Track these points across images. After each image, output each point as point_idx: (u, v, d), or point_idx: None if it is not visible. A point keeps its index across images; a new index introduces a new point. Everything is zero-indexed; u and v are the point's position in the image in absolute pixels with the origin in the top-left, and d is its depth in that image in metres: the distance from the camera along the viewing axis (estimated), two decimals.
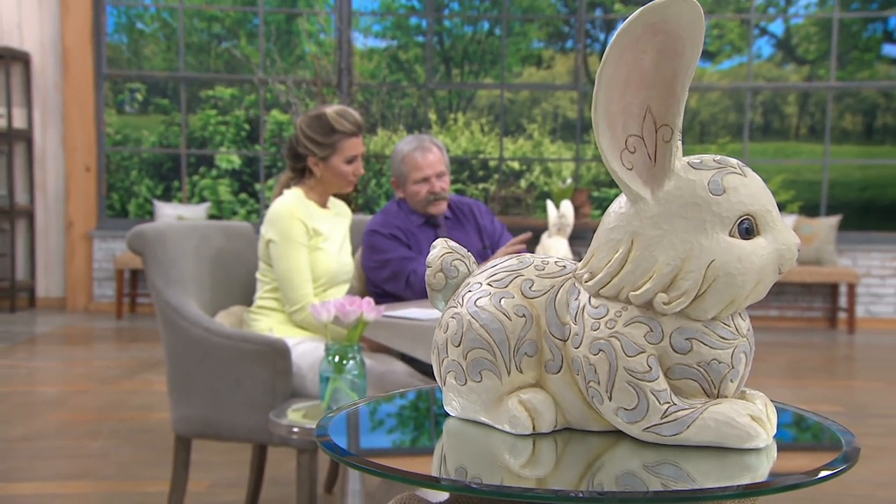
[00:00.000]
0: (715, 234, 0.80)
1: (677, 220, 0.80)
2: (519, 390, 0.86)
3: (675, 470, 0.77)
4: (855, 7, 7.63)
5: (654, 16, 0.76)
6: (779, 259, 0.82)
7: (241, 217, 7.73)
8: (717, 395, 0.83)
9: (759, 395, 0.86)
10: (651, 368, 0.81)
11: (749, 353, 0.84)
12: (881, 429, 3.71)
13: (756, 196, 0.81)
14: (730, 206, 0.80)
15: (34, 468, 3.00)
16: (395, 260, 2.72)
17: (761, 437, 0.80)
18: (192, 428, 2.24)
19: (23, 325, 6.19)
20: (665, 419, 0.81)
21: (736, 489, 0.72)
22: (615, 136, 0.82)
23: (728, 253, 0.80)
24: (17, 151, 6.94)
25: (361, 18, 7.79)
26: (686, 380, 0.81)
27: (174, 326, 2.19)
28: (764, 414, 0.82)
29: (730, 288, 0.80)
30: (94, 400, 4.01)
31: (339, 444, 0.80)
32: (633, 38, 0.78)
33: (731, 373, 0.82)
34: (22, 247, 7.04)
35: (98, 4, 6.98)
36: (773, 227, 0.82)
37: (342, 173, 2.49)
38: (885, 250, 7.01)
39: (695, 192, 0.81)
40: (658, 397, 0.81)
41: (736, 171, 0.82)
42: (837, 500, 2.79)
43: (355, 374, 1.82)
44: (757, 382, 4.67)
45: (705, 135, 8.04)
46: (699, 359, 0.81)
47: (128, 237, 2.23)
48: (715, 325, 0.81)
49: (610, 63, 0.79)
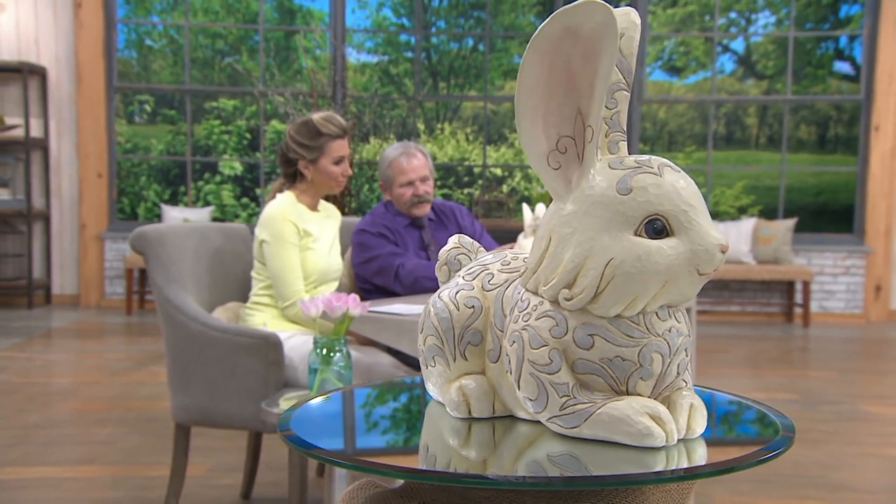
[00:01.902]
0: (618, 233, 0.75)
1: (586, 219, 0.76)
2: (463, 376, 0.85)
3: (572, 460, 0.74)
4: (809, 27, 7.66)
5: (569, 18, 0.73)
6: (693, 260, 0.75)
7: (242, 220, 7.70)
8: (626, 392, 0.77)
9: (689, 396, 0.80)
10: (552, 361, 0.77)
11: (669, 353, 0.77)
12: (832, 415, 3.72)
13: (667, 196, 0.76)
14: (636, 205, 0.75)
15: (47, 454, 2.97)
16: (384, 256, 2.71)
17: (656, 437, 0.74)
18: (191, 416, 2.22)
19: (39, 321, 6.15)
20: (563, 411, 0.77)
21: (601, 480, 0.69)
22: (543, 138, 0.78)
23: (628, 252, 0.74)
24: (34, 159, 6.89)
25: (355, 35, 7.77)
26: (591, 375, 0.77)
27: (174, 321, 2.17)
28: (666, 414, 0.76)
29: (629, 286, 0.74)
30: (104, 390, 3.98)
31: (302, 436, 0.78)
32: (552, 41, 0.74)
33: (640, 371, 0.76)
34: (38, 247, 6.99)
35: (110, 22, 6.94)
36: (688, 227, 0.75)
37: (331, 174, 2.47)
38: (836, 250, 7.04)
39: (604, 191, 0.76)
40: (557, 390, 0.77)
41: (651, 171, 0.77)
42: (790, 482, 2.79)
43: (342, 366, 1.81)
44: (719, 372, 4.68)
45: (673, 144, 8.05)
46: (602, 355, 0.76)
47: (130, 238, 2.22)
48: (620, 323, 0.76)
49: (527, 66, 0.75)
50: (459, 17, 8.14)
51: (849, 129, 7.59)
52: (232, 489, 2.62)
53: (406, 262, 2.68)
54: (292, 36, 7.74)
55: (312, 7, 7.98)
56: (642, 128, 7.55)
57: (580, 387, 0.77)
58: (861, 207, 7.10)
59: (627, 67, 0.82)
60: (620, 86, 0.81)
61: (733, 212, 7.67)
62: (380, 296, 2.77)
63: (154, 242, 2.19)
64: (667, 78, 8.15)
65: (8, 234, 6.87)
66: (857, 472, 2.91)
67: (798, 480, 2.80)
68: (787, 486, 2.74)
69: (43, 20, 6.82)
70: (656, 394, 0.78)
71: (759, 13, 7.80)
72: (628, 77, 0.81)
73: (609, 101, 0.81)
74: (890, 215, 6.98)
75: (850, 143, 7.47)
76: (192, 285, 2.28)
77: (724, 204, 7.80)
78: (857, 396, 4.14)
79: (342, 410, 0.95)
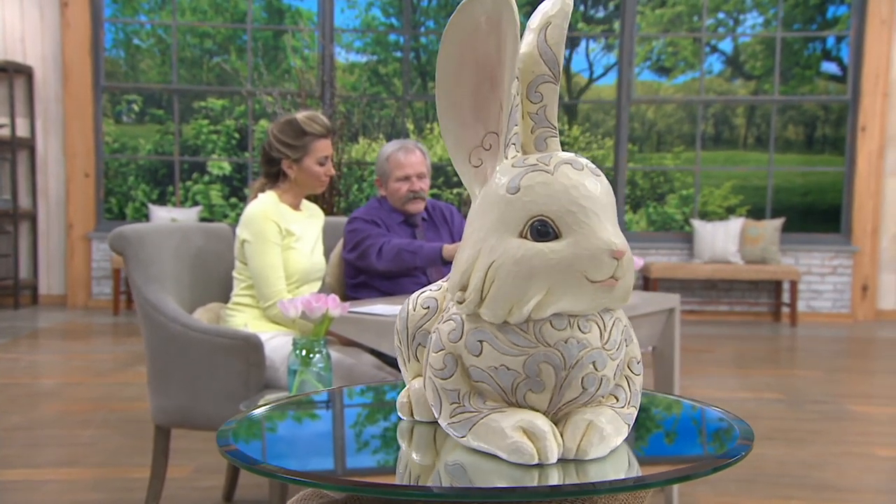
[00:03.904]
0: (503, 234, 0.70)
1: (480, 219, 0.73)
2: (416, 378, 0.83)
3: (459, 470, 0.71)
4: (797, 28, 7.66)
5: (472, 7, 0.69)
6: (577, 264, 0.68)
7: (231, 220, 7.65)
8: (516, 403, 0.72)
9: (595, 413, 0.72)
10: (445, 366, 0.73)
11: (563, 366, 0.70)
12: (817, 414, 3.72)
13: (554, 196, 0.70)
14: (521, 205, 0.70)
15: (29, 455, 2.94)
16: (371, 235, 2.69)
17: (524, 453, 0.69)
18: (171, 418, 2.19)
19: (25, 321, 6.10)
20: (453, 419, 0.73)
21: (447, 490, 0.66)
22: (467, 134, 0.74)
23: (507, 254, 0.69)
24: (20, 159, 6.84)
25: (343, 35, 7.74)
26: (482, 383, 0.72)
27: (153, 322, 2.14)
28: (542, 432, 0.69)
29: (507, 290, 0.69)
30: (88, 391, 3.94)
31: (245, 451, 0.74)
32: (462, 32, 0.71)
33: (528, 382, 0.71)
34: (25, 247, 6.94)
35: (97, 21, 6.89)
36: (575, 230, 0.69)
37: (315, 174, 2.45)
38: (824, 250, 7.05)
39: (496, 190, 0.72)
40: (448, 396, 0.73)
41: (543, 169, 0.71)
42: (775, 481, 2.78)
43: (321, 367, 1.79)
44: (705, 371, 4.67)
45: (661, 144, 8.05)
46: (489, 363, 0.71)
47: (109, 238, 2.19)
48: (508, 330, 0.70)
49: (441, 60, 0.72)
50: (448, 16, 8.13)
51: (836, 129, 7.61)
52: (214, 491, 2.59)
53: (392, 239, 2.66)
54: (281, 35, 7.70)
55: (301, 6, 7.94)
56: (631, 128, 7.54)
57: (474, 395, 0.73)
58: (848, 207, 7.11)
59: (552, 58, 0.75)
60: (546, 78, 0.75)
61: (721, 212, 7.67)
62: (368, 293, 2.74)
63: (133, 242, 2.16)
64: (655, 78, 8.15)
65: None
66: (843, 472, 2.90)
67: (783, 480, 2.79)
68: (772, 486, 2.73)
69: (29, 19, 6.76)
70: (554, 409, 0.72)
71: (747, 14, 7.80)
72: (554, 68, 0.75)
73: (533, 95, 0.75)
74: (877, 215, 6.99)
75: (838, 143, 7.48)
76: (173, 285, 2.25)
77: (713, 204, 7.80)
78: (844, 396, 4.13)
79: (294, 420, 0.92)
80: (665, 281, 6.90)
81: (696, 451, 0.80)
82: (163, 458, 2.25)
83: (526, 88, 0.76)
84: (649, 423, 0.87)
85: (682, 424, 0.88)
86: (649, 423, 0.87)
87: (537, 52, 0.75)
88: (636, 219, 7.89)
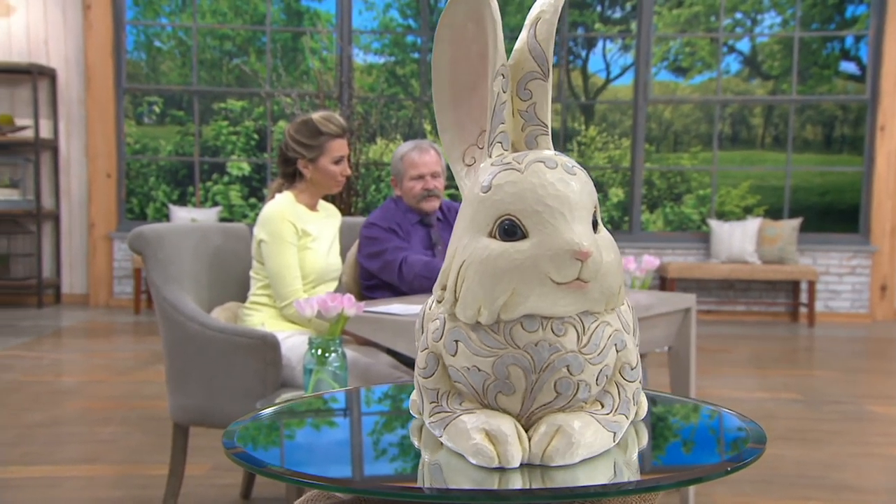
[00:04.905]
0: (475, 233, 0.69)
1: (460, 219, 0.72)
2: None
3: (436, 469, 0.70)
4: (815, 27, 7.59)
5: (460, 6, 0.69)
6: (539, 265, 0.66)
7: (250, 220, 7.68)
8: (489, 405, 0.70)
9: (566, 419, 0.69)
10: (427, 366, 0.73)
11: (533, 369, 0.68)
12: (835, 414, 3.68)
13: (521, 195, 0.68)
14: (490, 204, 0.69)
15: (50, 452, 2.96)
16: (390, 249, 2.68)
17: (485, 456, 0.67)
18: (189, 416, 2.19)
19: (48, 320, 6.15)
20: (431, 418, 0.73)
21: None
22: (461, 133, 0.74)
23: (476, 254, 0.68)
24: (43, 159, 6.89)
25: (361, 36, 7.75)
26: (458, 383, 0.71)
27: (171, 321, 2.15)
28: (504, 435, 0.67)
29: (475, 290, 0.67)
30: (109, 389, 3.96)
31: (252, 453, 0.74)
32: (452, 29, 0.70)
33: (497, 384, 0.69)
34: (48, 247, 6.99)
35: (118, 23, 6.93)
36: (540, 229, 0.67)
37: (330, 173, 2.45)
38: (842, 250, 6.98)
39: (472, 189, 0.71)
40: (427, 395, 0.73)
41: (515, 168, 0.69)
42: (793, 482, 2.75)
43: (337, 366, 1.78)
44: (723, 371, 4.63)
45: (678, 144, 8.00)
46: (462, 363, 0.70)
47: (129, 238, 2.19)
48: (480, 331, 0.69)
49: (435, 58, 0.72)
50: None
51: (854, 129, 7.53)
52: (232, 489, 2.59)
53: (409, 257, 2.65)
54: (299, 37, 7.72)
55: (319, 8, 7.96)
56: (648, 128, 7.50)
57: (453, 395, 0.72)
58: (866, 207, 7.03)
59: (541, 54, 0.73)
60: (535, 74, 0.73)
61: (739, 212, 7.61)
62: (383, 293, 2.74)
63: (152, 242, 2.17)
64: (672, 78, 8.10)
65: (18, 234, 6.87)
66: (861, 473, 2.86)
67: (801, 481, 2.76)
68: (789, 487, 2.70)
69: (52, 22, 6.82)
70: (527, 412, 0.70)
71: (765, 13, 7.74)
72: (543, 65, 0.73)
73: (522, 92, 0.73)
74: (895, 215, 6.91)
75: (856, 142, 7.41)
76: (191, 285, 2.25)
77: (730, 204, 7.75)
78: (862, 396, 4.09)
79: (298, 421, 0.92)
80: (682, 281, 6.85)
81: (706, 455, 0.78)
82: (181, 455, 2.26)
83: (516, 86, 0.74)
84: (663, 427, 0.86)
85: (697, 428, 0.87)
86: (663, 427, 0.86)
87: (527, 49, 0.74)
88: (653, 219, 7.85)
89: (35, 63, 6.63)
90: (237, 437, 0.77)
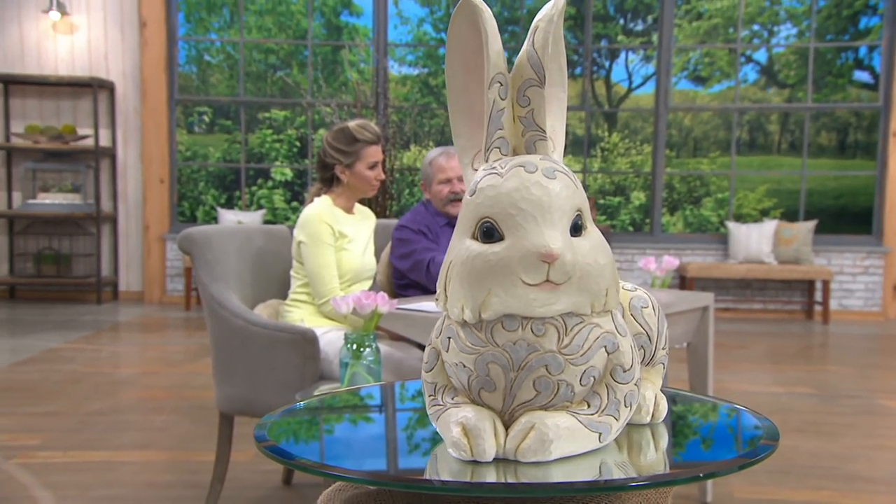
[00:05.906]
0: (461, 235, 0.69)
1: (458, 221, 0.72)
2: None
3: (429, 460, 0.70)
4: (830, 38, 7.47)
5: (461, 17, 0.69)
6: (512, 266, 0.65)
7: (292, 222, 7.73)
8: (475, 401, 0.70)
9: (544, 417, 0.67)
10: (428, 360, 0.73)
11: (511, 367, 0.67)
12: (849, 409, 3.61)
13: (497, 198, 0.67)
14: (474, 207, 0.68)
15: (107, 439, 3.00)
16: (419, 250, 2.68)
17: (461, 450, 0.66)
18: (234, 406, 2.21)
19: (107, 315, 6.24)
20: (429, 410, 0.73)
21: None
22: (473, 138, 0.73)
23: (459, 255, 0.68)
24: (102, 166, 7.00)
25: (397, 49, 7.76)
26: (452, 378, 0.71)
27: (218, 317, 2.16)
28: (478, 430, 0.67)
29: (457, 290, 0.67)
30: (162, 380, 4.01)
31: (283, 447, 0.75)
32: (458, 39, 0.70)
33: (479, 381, 0.68)
34: (107, 248, 7.10)
35: (172, 39, 7.02)
36: (513, 231, 0.66)
37: (366, 178, 2.45)
38: (855, 251, 6.85)
39: (466, 194, 0.71)
40: (427, 388, 0.73)
41: (497, 173, 0.68)
42: (807, 472, 2.71)
43: (371, 360, 1.78)
44: (740, 367, 4.57)
45: (698, 150, 7.92)
46: (452, 359, 0.70)
47: (178, 239, 2.21)
48: (466, 329, 0.68)
49: (446, 68, 0.72)
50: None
51: (868, 134, 7.39)
52: (274, 474, 2.61)
53: (437, 257, 2.65)
54: (339, 51, 7.75)
55: (357, 23, 7.99)
56: (668, 134, 7.43)
57: (448, 389, 0.72)
58: (879, 209, 6.90)
59: (537, 62, 0.72)
60: (532, 82, 0.72)
61: (756, 214, 7.51)
62: (415, 291, 2.74)
63: (200, 243, 2.19)
64: (692, 87, 8.01)
65: (79, 235, 6.99)
66: (873, 464, 2.81)
67: (815, 472, 2.71)
68: (804, 478, 2.66)
69: (111, 39, 6.92)
70: (508, 409, 0.69)
71: (781, 25, 7.62)
72: (539, 72, 0.72)
73: (521, 99, 0.72)
74: None
75: (869, 148, 7.27)
76: (236, 283, 2.27)
77: (747, 206, 7.64)
78: (875, 391, 4.01)
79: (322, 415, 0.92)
80: (701, 280, 6.78)
81: (724, 452, 0.76)
82: (227, 443, 2.28)
83: (516, 92, 0.73)
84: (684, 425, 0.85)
85: (715, 425, 0.85)
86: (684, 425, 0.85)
87: (525, 57, 0.73)
88: (673, 221, 7.77)
89: (96, 77, 6.74)
90: (268, 430, 0.78)
